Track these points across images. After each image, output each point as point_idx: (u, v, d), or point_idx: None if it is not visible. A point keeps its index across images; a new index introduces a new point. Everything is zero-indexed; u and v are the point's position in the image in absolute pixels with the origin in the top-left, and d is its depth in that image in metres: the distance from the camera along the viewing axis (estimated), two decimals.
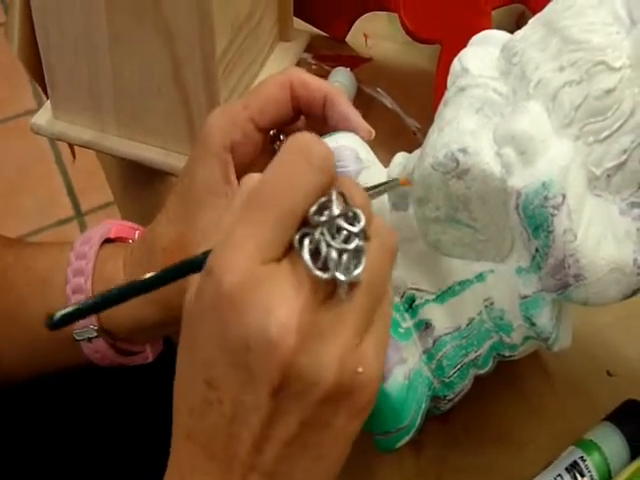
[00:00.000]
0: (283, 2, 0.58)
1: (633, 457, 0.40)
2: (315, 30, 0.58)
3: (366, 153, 0.38)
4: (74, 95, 0.54)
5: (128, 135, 0.53)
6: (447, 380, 0.36)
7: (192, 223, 0.39)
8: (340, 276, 0.24)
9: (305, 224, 0.25)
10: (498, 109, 0.33)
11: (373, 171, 0.39)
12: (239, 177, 0.39)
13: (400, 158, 0.38)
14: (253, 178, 0.27)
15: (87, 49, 0.51)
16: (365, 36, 0.60)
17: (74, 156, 0.62)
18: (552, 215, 0.29)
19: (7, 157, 1.35)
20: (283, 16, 0.59)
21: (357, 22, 0.58)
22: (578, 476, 0.39)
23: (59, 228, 1.32)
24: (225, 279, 0.24)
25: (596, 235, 0.30)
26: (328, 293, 0.25)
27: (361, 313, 0.26)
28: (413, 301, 0.37)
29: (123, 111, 0.53)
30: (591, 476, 0.39)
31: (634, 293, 0.31)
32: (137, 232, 0.43)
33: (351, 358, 0.25)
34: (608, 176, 0.30)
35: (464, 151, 0.32)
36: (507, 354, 0.36)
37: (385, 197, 0.39)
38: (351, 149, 0.39)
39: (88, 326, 0.40)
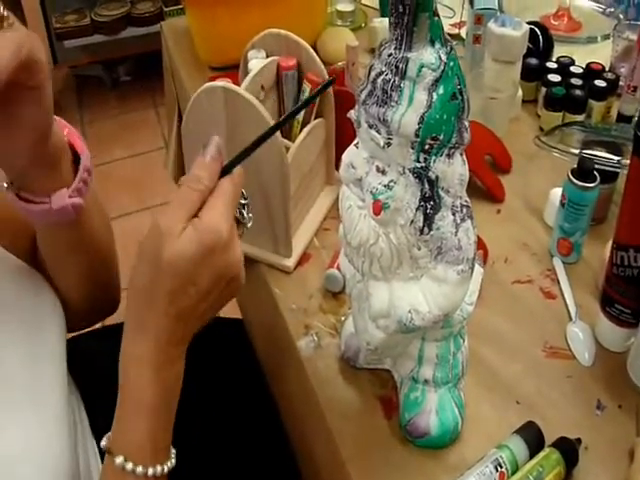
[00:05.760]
0: (329, 161, 0.72)
1: (531, 456, 0.52)
2: None
3: None
4: None
5: (245, 240, 0.63)
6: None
7: None
8: None
9: None
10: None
11: None
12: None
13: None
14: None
15: None
16: None
17: None
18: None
19: None
20: (329, 169, 0.72)
21: None
22: (498, 467, 0.50)
23: None
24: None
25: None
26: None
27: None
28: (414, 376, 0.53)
29: None
30: (505, 467, 0.51)
31: None
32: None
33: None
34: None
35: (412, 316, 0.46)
36: None
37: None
38: None
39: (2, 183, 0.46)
